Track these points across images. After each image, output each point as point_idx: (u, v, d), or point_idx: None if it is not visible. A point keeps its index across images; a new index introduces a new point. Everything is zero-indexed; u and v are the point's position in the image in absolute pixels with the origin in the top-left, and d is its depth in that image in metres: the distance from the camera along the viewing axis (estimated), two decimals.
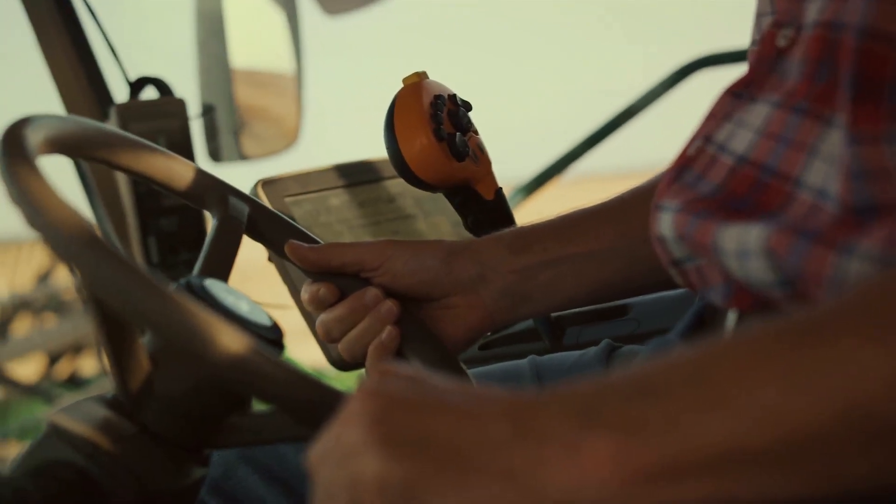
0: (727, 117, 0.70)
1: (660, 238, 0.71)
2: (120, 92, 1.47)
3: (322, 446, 0.55)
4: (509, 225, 0.98)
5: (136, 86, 1.45)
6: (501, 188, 1.00)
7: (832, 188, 0.60)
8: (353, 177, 1.14)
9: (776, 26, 0.69)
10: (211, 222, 0.85)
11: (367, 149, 1.18)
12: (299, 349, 1.40)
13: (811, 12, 0.65)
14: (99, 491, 0.67)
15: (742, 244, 0.63)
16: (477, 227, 0.99)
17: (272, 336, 0.71)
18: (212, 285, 0.72)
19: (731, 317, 0.70)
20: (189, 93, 1.50)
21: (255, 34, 1.64)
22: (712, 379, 0.50)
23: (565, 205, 0.96)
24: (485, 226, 0.98)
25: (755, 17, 0.75)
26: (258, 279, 1.40)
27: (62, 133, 0.74)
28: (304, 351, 1.43)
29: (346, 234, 1.10)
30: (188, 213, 1.42)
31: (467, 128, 0.98)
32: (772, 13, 0.71)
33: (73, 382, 4.71)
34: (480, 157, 0.98)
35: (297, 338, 0.83)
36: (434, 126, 0.94)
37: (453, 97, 0.98)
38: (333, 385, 0.64)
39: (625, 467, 0.48)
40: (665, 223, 0.70)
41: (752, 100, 0.69)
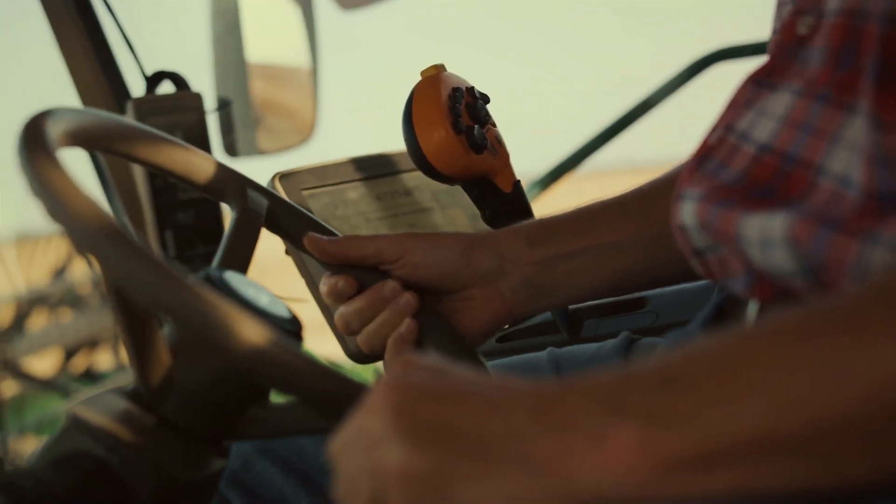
0: (749, 106, 0.70)
1: (681, 227, 0.71)
2: (136, 86, 1.48)
3: (344, 437, 0.55)
4: (527, 217, 0.98)
5: (152, 80, 1.45)
6: (519, 181, 1.00)
7: (854, 176, 0.60)
8: (370, 170, 1.14)
9: (797, 14, 0.69)
10: (230, 215, 0.85)
11: (383, 144, 1.17)
12: (315, 342, 1.40)
13: (832, 0, 0.65)
14: (119, 482, 0.67)
15: (765, 233, 0.62)
16: (495, 220, 0.99)
17: (292, 328, 0.72)
18: (231, 277, 0.72)
19: (752, 308, 0.69)
20: (205, 87, 1.50)
21: (271, 29, 1.64)
22: (738, 367, 0.49)
23: (581, 199, 0.96)
24: (503, 218, 0.98)
25: (776, 5, 0.75)
26: (275, 273, 1.40)
27: (82, 126, 0.74)
28: (319, 344, 1.43)
29: (364, 227, 1.10)
30: (205, 206, 1.43)
31: (485, 120, 0.97)
32: (792, 1, 0.70)
33: (89, 377, 4.74)
34: (498, 149, 0.98)
35: (312, 331, 0.83)
36: (452, 118, 0.94)
37: (471, 90, 0.98)
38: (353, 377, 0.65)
39: (652, 455, 0.48)
40: (687, 212, 0.70)
41: (773, 88, 0.69)
